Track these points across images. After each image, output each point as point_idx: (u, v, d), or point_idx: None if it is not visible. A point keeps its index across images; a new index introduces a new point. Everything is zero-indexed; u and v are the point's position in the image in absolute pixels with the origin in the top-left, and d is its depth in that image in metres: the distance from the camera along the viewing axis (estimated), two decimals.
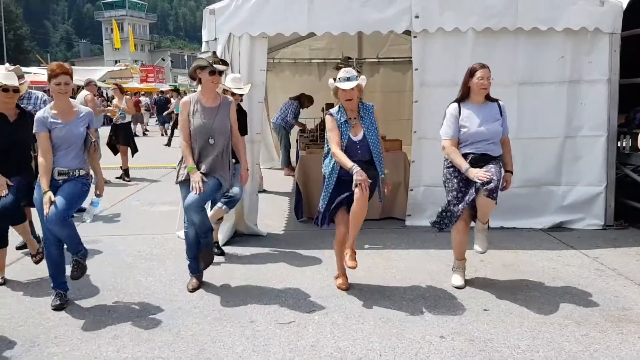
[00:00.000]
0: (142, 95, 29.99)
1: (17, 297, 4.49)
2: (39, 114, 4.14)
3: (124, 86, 13.88)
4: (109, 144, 10.21)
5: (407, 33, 6.32)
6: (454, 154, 4.35)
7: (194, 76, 4.53)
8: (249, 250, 5.71)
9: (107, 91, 27.60)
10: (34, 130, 4.11)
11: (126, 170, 10.38)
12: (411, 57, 6.27)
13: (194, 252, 4.64)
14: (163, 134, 20.98)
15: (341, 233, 4.47)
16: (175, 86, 38.59)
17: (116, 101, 10.42)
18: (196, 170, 4.32)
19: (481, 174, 4.11)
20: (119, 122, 10.23)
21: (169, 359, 3.45)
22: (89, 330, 3.84)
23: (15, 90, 4.62)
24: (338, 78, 4.29)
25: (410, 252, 5.58)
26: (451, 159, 4.38)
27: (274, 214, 7.29)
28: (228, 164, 4.54)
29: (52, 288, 4.29)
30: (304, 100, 10.26)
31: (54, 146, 4.11)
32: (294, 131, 10.44)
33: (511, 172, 4.49)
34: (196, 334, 3.78)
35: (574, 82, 6.17)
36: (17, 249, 5.60)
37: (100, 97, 19.19)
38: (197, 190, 4.23)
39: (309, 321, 3.97)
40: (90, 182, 4.32)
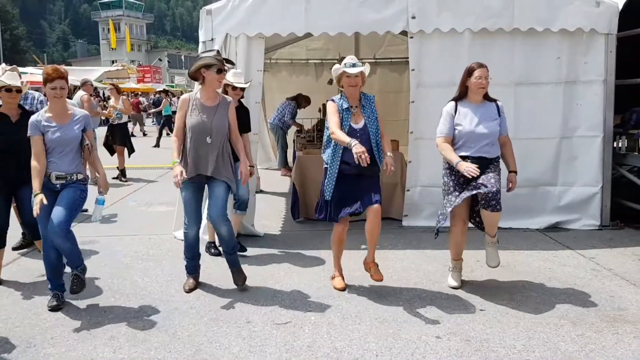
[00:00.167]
0: (139, 95, 29.96)
1: (13, 298, 4.48)
2: (33, 118, 4.13)
3: (120, 86, 13.86)
4: (105, 145, 10.18)
5: (404, 34, 6.33)
6: (445, 150, 4.35)
7: (196, 76, 4.46)
8: None
9: (103, 91, 27.55)
10: (28, 134, 4.11)
11: (123, 170, 10.38)
12: (408, 58, 6.28)
13: (192, 253, 4.64)
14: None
15: (339, 231, 4.47)
16: (172, 86, 38.59)
17: (112, 101, 10.41)
18: (178, 165, 4.32)
19: (471, 168, 4.09)
20: (116, 123, 10.21)
21: (165, 359, 3.45)
22: (85, 331, 3.84)
23: (18, 91, 4.64)
24: (344, 63, 4.29)
25: (407, 253, 5.59)
26: (443, 155, 4.38)
27: (271, 214, 7.29)
28: (231, 165, 4.54)
29: (49, 289, 4.29)
30: (301, 100, 10.27)
31: (48, 149, 4.10)
32: (291, 131, 10.44)
33: (515, 172, 4.45)
34: (192, 334, 3.78)
35: (570, 82, 6.19)
36: (14, 250, 5.60)
37: (96, 97, 19.14)
38: (176, 186, 4.24)
39: (305, 321, 3.97)
40: (87, 186, 4.31)
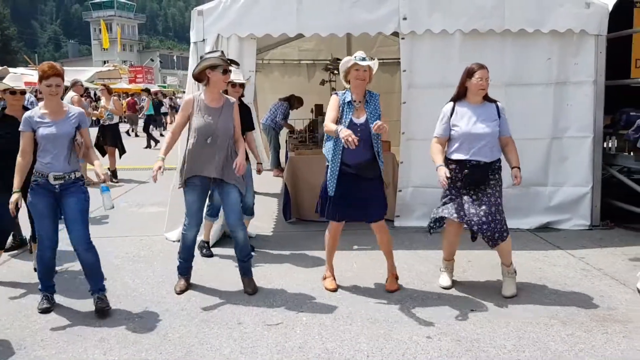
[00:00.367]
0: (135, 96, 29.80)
1: (3, 299, 4.46)
2: (26, 114, 4.12)
3: (112, 87, 13.80)
4: (96, 145, 10.11)
5: (396, 35, 6.35)
6: (433, 151, 4.37)
7: (201, 77, 4.40)
8: None
9: (95, 91, 27.40)
10: (19, 128, 4.08)
11: (114, 171, 10.32)
12: (400, 59, 6.29)
13: (188, 254, 4.63)
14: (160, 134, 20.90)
15: (334, 227, 4.50)
16: (164, 87, 38.47)
17: (103, 102, 10.36)
18: (161, 161, 4.30)
19: (442, 178, 4.12)
20: (107, 123, 10.17)
21: None
22: (75, 333, 3.82)
23: (22, 93, 4.66)
24: (354, 56, 4.32)
25: (399, 253, 5.56)
26: (431, 155, 4.40)
27: (263, 215, 7.27)
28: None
29: (40, 290, 4.26)
30: (293, 101, 10.26)
31: (40, 147, 4.07)
32: (283, 132, 10.42)
33: (518, 168, 4.34)
34: (183, 336, 3.77)
35: (560, 83, 6.22)
36: (5, 251, 5.53)
37: (87, 98, 19.02)
38: (154, 180, 4.21)
39: (296, 322, 3.97)
40: (86, 186, 4.27)
